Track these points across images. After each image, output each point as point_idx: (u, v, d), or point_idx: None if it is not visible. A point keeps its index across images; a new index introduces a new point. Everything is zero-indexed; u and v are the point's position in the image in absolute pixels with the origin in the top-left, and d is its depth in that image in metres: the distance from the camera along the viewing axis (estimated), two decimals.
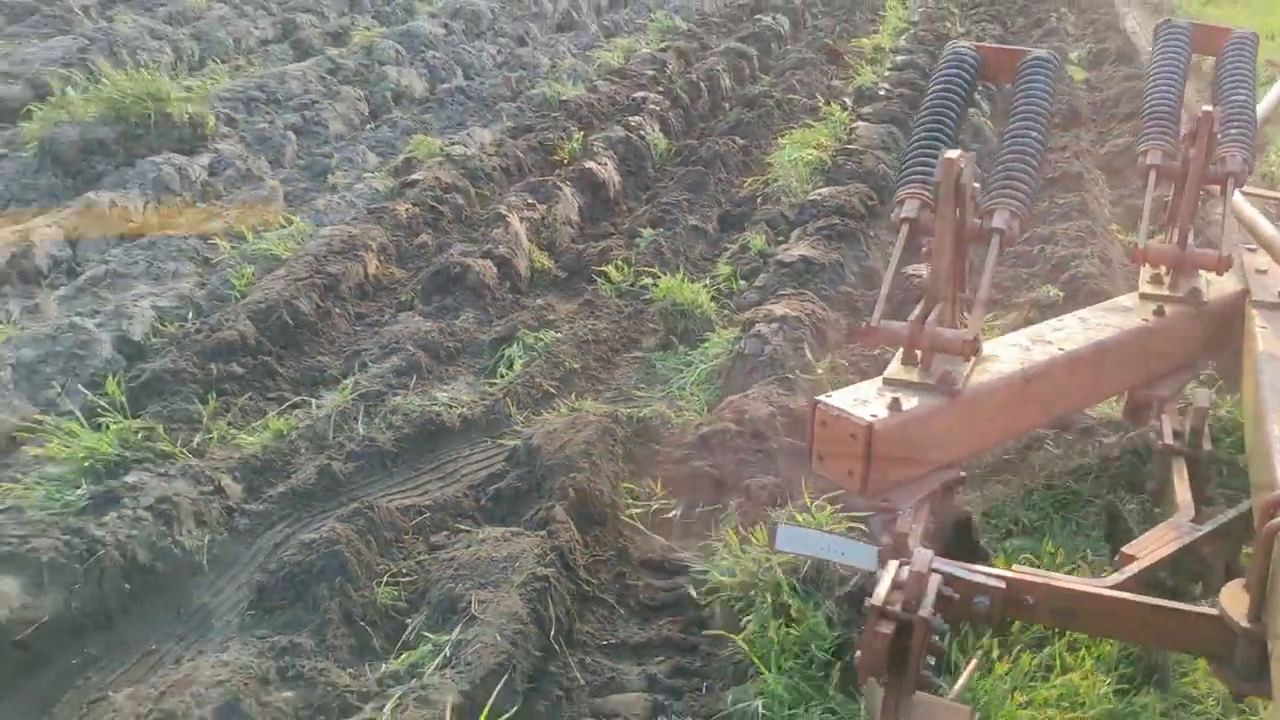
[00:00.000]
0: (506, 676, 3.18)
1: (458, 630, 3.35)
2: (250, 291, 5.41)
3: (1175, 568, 2.70)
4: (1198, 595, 2.85)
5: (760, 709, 3.01)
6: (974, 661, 2.69)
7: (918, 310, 2.91)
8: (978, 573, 2.49)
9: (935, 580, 2.39)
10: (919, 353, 2.89)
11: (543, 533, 3.77)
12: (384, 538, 3.83)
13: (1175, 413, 3.28)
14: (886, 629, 2.30)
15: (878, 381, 2.89)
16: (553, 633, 3.48)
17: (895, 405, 2.74)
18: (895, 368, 2.92)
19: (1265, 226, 3.42)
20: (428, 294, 5.62)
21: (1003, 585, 2.47)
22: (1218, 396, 3.88)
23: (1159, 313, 3.35)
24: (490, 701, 3.08)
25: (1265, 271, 3.53)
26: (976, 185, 2.94)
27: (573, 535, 3.84)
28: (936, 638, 2.36)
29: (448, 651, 3.30)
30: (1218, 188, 3.53)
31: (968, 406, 2.87)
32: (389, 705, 3.09)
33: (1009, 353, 3.08)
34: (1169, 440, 3.14)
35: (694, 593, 3.56)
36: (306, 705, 3.17)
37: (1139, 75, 9.14)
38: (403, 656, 3.37)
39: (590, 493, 4.02)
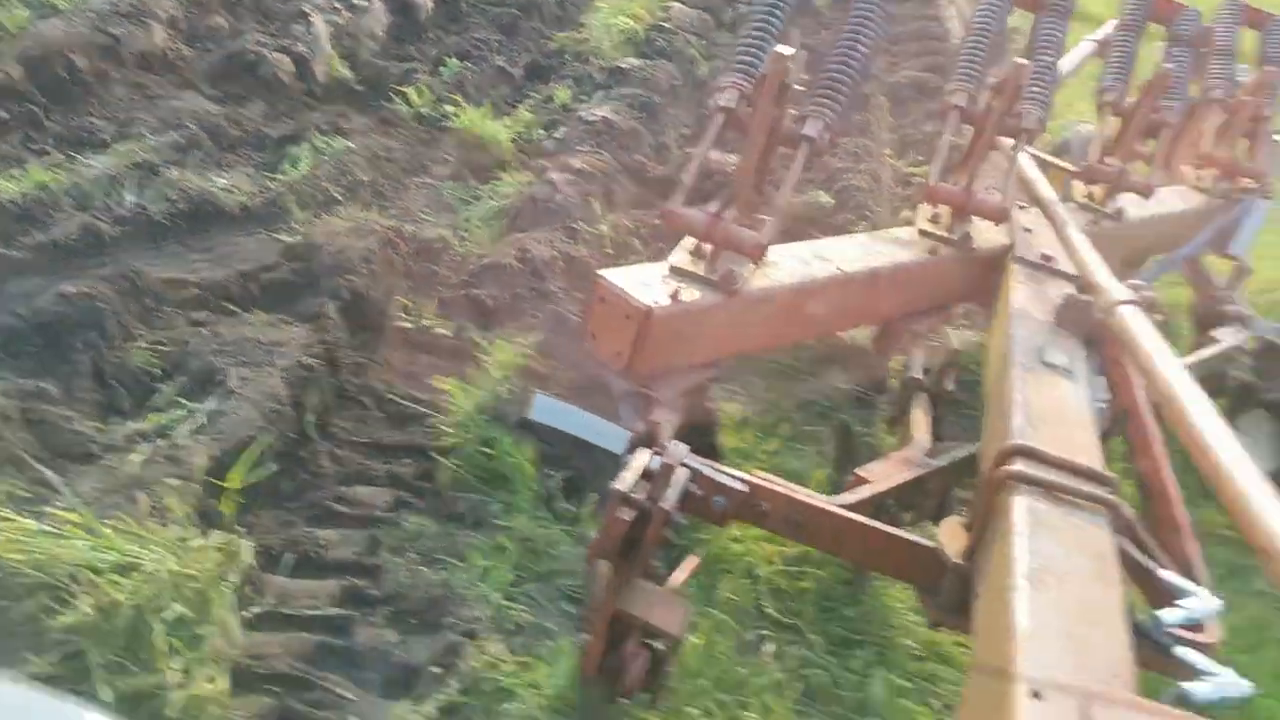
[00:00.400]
0: (260, 450, 3.10)
1: (213, 401, 3.25)
2: (22, 36, 4.76)
3: (900, 497, 2.68)
4: (906, 523, 2.86)
5: (499, 511, 3.13)
6: (696, 559, 2.61)
7: (716, 204, 2.72)
8: (724, 474, 2.38)
9: (683, 475, 2.26)
10: (708, 246, 2.71)
11: (312, 326, 3.66)
12: (145, 305, 3.60)
13: (926, 350, 3.26)
14: (627, 515, 2.17)
15: (663, 267, 2.70)
16: (308, 419, 3.39)
17: (676, 294, 2.56)
18: (681, 256, 2.74)
19: (1044, 188, 3.39)
20: (216, 78, 5.11)
21: (745, 489, 2.37)
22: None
23: (933, 252, 3.29)
24: (242, 469, 3.01)
25: (1031, 231, 3.52)
26: (800, 88, 2.75)
27: (342, 335, 3.73)
28: (670, 530, 2.25)
29: (201, 419, 3.19)
30: (1010, 141, 3.48)
31: (744, 308, 2.72)
32: (137, 458, 2.98)
33: (789, 263, 2.95)
34: (917, 375, 3.11)
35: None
36: (46, 447, 3.01)
37: (935, 18, 9.19)
38: (153, 417, 3.22)
39: (365, 298, 3.92)
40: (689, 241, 2.75)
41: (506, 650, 2.85)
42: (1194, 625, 2.22)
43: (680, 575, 2.48)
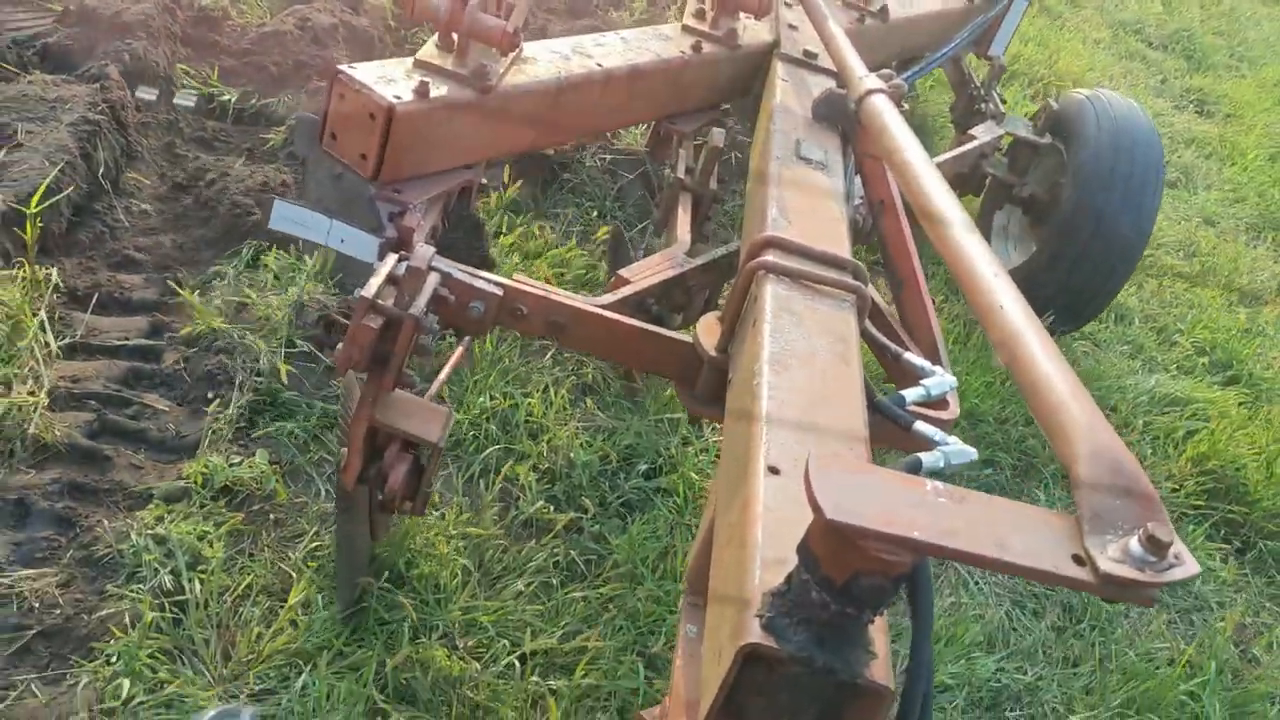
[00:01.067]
0: (55, 198, 3.33)
1: (3, 153, 3.44)
2: None
3: (662, 296, 2.66)
4: (677, 324, 2.86)
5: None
6: (453, 360, 2.53)
7: None
8: (479, 278, 2.29)
9: (433, 279, 2.16)
10: (456, 38, 2.54)
11: (95, 85, 3.85)
12: None
13: (692, 149, 3.20)
14: (374, 323, 2.06)
15: (408, 62, 2.52)
16: (101, 173, 3.63)
17: (422, 90, 2.39)
18: (429, 49, 2.56)
19: None
20: None
21: (500, 293, 2.29)
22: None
23: (696, 48, 3.19)
24: (38, 212, 3.23)
25: (796, 29, 3.47)
26: None
27: (125, 95, 3.93)
28: (426, 338, 2.16)
29: None
30: None
31: (498, 106, 2.58)
32: None
33: (548, 58, 2.80)
34: (681, 175, 3.06)
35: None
36: None
37: None
38: None
39: (146, 62, 4.13)
40: (436, 35, 2.57)
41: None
42: (935, 402, 2.31)
43: (438, 382, 2.41)
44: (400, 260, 2.15)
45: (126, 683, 2.37)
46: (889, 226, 2.83)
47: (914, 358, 2.31)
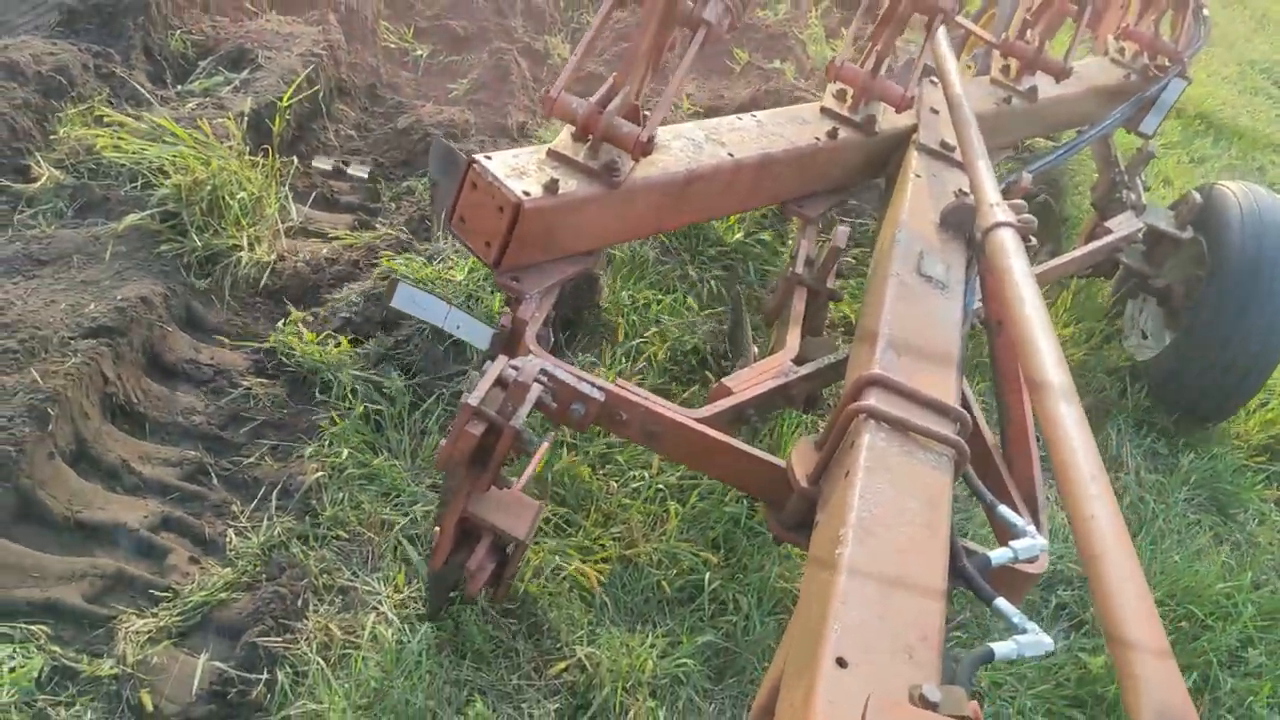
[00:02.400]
0: (287, 105, 4.16)
1: (246, 72, 4.30)
2: None
3: (764, 405, 2.67)
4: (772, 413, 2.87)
5: None
6: (538, 455, 2.59)
7: (602, 91, 2.57)
8: (584, 381, 2.34)
9: (536, 391, 2.21)
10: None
11: (318, 28, 4.73)
12: (177, 2, 4.57)
13: (814, 239, 3.18)
14: (476, 430, 2.13)
15: (541, 151, 2.56)
16: (321, 97, 4.48)
17: (551, 186, 2.44)
18: (564, 140, 2.60)
19: (953, 75, 3.23)
20: None
21: (602, 398, 2.34)
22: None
23: (832, 134, 3.16)
24: (287, 106, 4.16)
25: (937, 113, 3.42)
26: None
27: (340, 40, 4.79)
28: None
29: (238, 83, 4.21)
30: (926, 18, 3.32)
31: (625, 199, 2.61)
32: (188, 106, 3.97)
33: (678, 146, 2.81)
34: (799, 269, 3.05)
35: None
36: (116, 94, 4.02)
37: None
38: (199, 82, 4.24)
39: (357, 13, 5.04)
40: (570, 127, 2.61)
41: None
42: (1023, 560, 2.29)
43: (527, 473, 2.48)
44: (509, 366, 2.21)
45: (345, 450, 3.09)
46: (1003, 351, 2.79)
47: (1008, 513, 2.28)
